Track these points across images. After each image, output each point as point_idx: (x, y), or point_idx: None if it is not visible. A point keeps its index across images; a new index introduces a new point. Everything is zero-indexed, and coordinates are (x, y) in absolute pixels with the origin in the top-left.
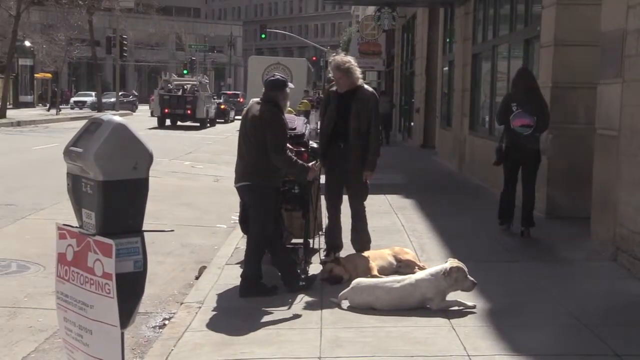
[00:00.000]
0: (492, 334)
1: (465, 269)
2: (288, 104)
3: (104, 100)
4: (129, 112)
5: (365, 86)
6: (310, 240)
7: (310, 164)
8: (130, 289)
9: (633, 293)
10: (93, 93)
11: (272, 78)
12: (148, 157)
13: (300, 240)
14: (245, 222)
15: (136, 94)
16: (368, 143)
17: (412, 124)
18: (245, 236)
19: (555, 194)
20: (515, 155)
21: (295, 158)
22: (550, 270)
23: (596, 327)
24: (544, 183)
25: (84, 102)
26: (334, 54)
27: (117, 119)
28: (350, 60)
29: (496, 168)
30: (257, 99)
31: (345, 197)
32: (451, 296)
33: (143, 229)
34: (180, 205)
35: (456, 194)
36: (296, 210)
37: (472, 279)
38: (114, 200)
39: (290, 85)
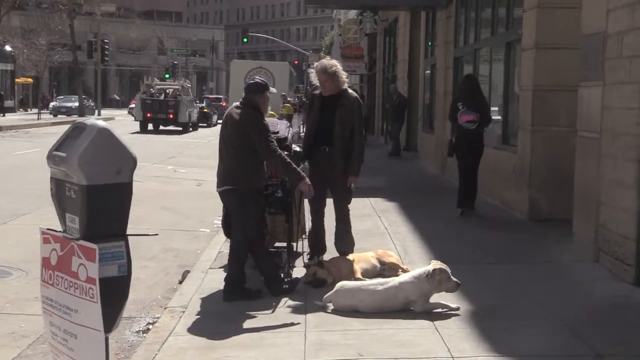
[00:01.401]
0: (476, 335)
1: (449, 271)
2: (269, 108)
3: (63, 104)
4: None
5: (350, 90)
6: (294, 244)
7: (305, 178)
8: (114, 294)
9: (615, 294)
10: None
11: (252, 82)
12: (132, 162)
13: (284, 244)
14: (228, 225)
15: (118, 98)
16: (352, 148)
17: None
18: (229, 240)
19: (537, 195)
20: (463, 147)
21: (289, 160)
22: (532, 272)
23: (578, 327)
24: (525, 185)
25: (69, 108)
26: (315, 64)
27: (101, 123)
28: (337, 64)
29: (481, 171)
30: (237, 103)
31: (329, 200)
32: (435, 298)
33: (127, 233)
34: (163, 209)
35: (439, 197)
36: (279, 213)
37: (455, 280)
38: (97, 204)
39: (272, 89)
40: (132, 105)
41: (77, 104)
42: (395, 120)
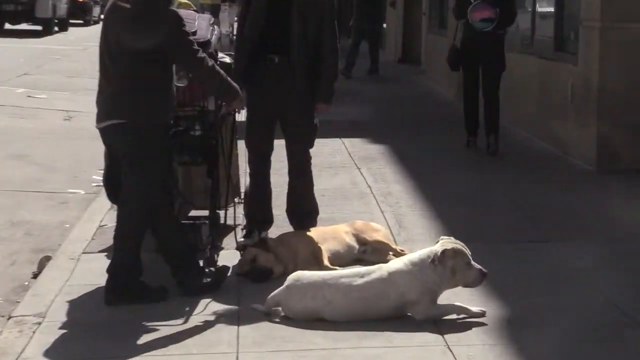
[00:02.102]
0: (511, 357)
1: (468, 253)
2: None
3: None
4: None
5: None
6: (221, 212)
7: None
8: None
9: None
10: None
11: None
12: None
13: (205, 213)
14: (114, 185)
15: None
16: (320, 60)
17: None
18: (115, 207)
19: (609, 134)
20: (474, 57)
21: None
22: (600, 252)
23: None
24: (591, 117)
25: None
26: None
27: None
28: None
29: (518, 94)
30: None
31: (278, 143)
32: (446, 297)
33: None
34: (9, 158)
35: (453, 137)
36: (197, 164)
37: (478, 267)
38: None
39: None
40: None
41: None
42: (368, 15)
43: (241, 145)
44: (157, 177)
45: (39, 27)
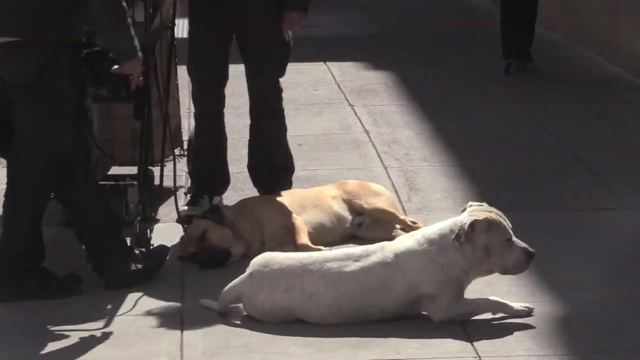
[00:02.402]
0: None
1: (508, 225)
2: None
3: None
4: None
5: None
6: (156, 169)
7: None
8: None
9: None
10: None
11: None
12: None
13: (133, 170)
14: (3, 131)
15: None
16: None
17: None
18: (5, 163)
19: None
20: None
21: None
22: None
23: None
24: None
25: None
26: None
27: None
28: None
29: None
30: None
31: (236, 71)
32: (476, 288)
33: None
34: None
35: (487, 59)
36: (121, 100)
37: (522, 245)
38: None
39: None
40: None
41: None
42: None
43: (183, 72)
44: (66, 118)
45: None
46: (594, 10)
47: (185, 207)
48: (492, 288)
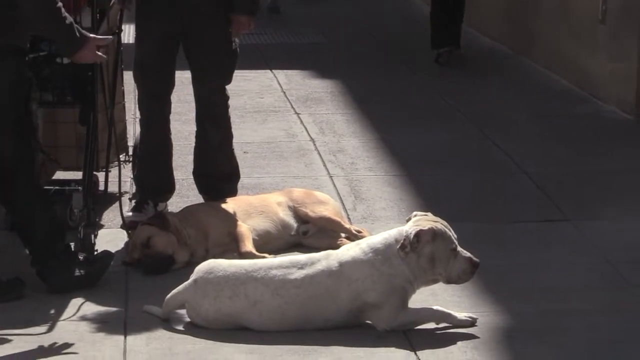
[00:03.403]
0: None
1: (452, 235)
2: None
3: None
4: None
5: None
6: (100, 175)
7: (91, 36)
8: None
9: None
10: None
11: None
12: None
13: (78, 176)
14: None
15: None
16: None
17: None
18: None
19: None
20: None
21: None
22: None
23: None
24: (634, 44)
25: None
26: None
27: None
28: None
29: (528, 11)
30: None
31: (182, 78)
32: (421, 298)
33: None
34: None
35: (437, 68)
36: (66, 105)
37: (467, 254)
38: None
39: None
40: None
41: None
42: None
43: (129, 78)
44: (9, 122)
45: None
46: (542, 23)
47: (130, 213)
48: (436, 298)
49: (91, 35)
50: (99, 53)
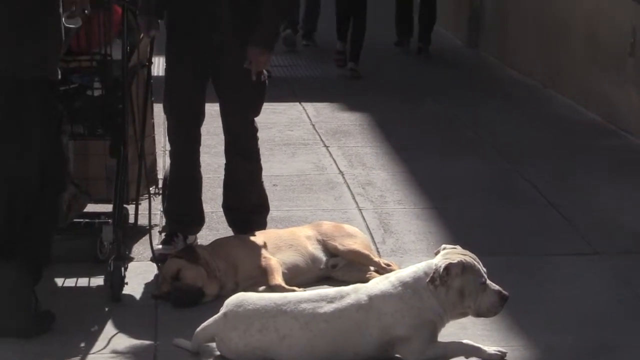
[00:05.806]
0: None
1: (482, 269)
2: None
3: None
4: None
5: None
6: (131, 207)
7: None
8: None
9: None
10: None
11: None
12: None
13: (108, 208)
14: None
15: None
16: None
17: None
18: None
19: None
20: None
21: None
22: None
23: None
24: None
25: None
26: None
27: None
28: None
29: (554, 41)
30: None
31: (211, 110)
32: (450, 331)
33: None
34: None
35: (465, 99)
36: (96, 136)
37: (496, 288)
38: None
39: None
40: None
41: None
42: None
43: (159, 110)
44: (35, 154)
45: None
46: (568, 53)
47: (160, 246)
48: (465, 332)
49: None
50: None
